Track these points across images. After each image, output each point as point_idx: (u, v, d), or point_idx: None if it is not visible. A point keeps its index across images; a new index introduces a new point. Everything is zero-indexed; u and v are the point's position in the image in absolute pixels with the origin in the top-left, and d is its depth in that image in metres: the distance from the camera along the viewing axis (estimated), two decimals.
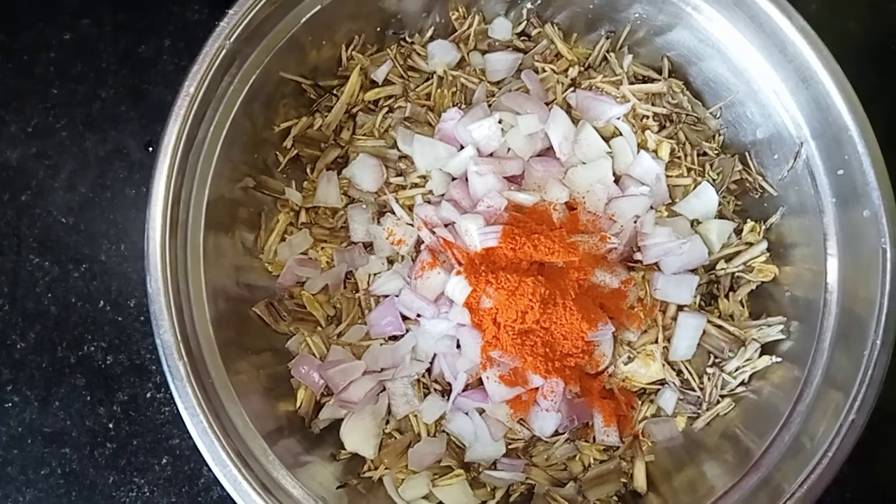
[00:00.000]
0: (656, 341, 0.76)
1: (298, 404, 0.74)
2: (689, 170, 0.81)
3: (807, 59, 0.70)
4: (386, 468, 0.73)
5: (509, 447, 0.75)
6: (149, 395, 0.83)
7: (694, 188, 0.80)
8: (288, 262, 0.77)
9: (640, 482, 0.74)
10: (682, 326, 0.75)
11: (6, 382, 0.82)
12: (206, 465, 0.61)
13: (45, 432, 0.81)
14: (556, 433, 0.74)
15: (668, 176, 0.80)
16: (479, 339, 0.70)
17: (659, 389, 0.77)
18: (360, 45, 0.81)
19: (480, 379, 0.71)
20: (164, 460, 0.81)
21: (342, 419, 0.74)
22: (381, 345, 0.75)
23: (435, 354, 0.74)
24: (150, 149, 0.87)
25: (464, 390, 0.72)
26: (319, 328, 0.77)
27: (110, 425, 0.82)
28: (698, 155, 0.82)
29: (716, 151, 0.82)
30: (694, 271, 0.78)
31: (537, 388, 0.71)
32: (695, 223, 0.80)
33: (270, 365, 0.74)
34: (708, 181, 0.80)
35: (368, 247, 0.78)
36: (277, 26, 0.72)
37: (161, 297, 0.61)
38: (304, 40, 0.75)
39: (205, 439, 0.61)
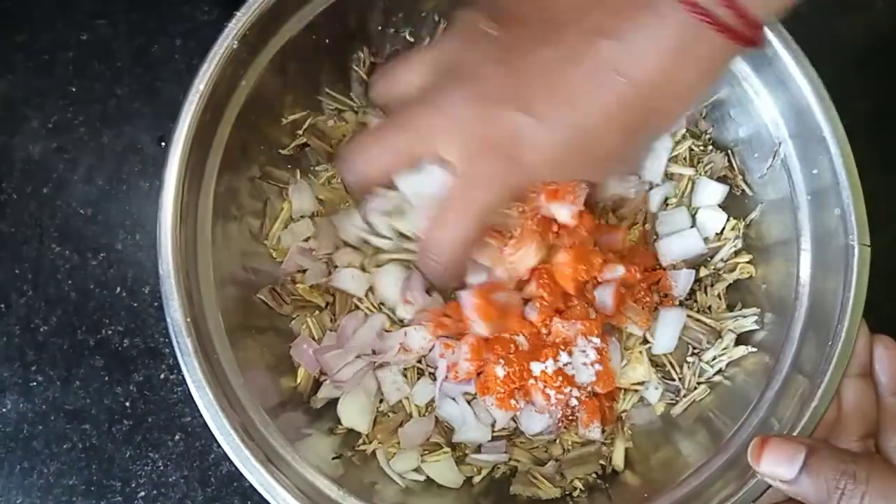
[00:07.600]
0: (644, 341, 0.80)
1: (298, 381, 0.79)
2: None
3: (784, 63, 0.73)
4: (379, 443, 0.78)
5: (494, 435, 0.79)
6: (162, 376, 0.88)
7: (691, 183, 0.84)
8: (291, 249, 0.81)
9: (618, 461, 0.79)
10: (663, 321, 0.79)
11: (31, 363, 0.88)
12: (216, 442, 0.66)
13: (66, 409, 0.87)
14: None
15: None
16: None
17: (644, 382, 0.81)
18: None
19: None
20: (177, 437, 0.87)
21: (339, 397, 0.79)
22: None
23: None
24: (163, 143, 0.93)
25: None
26: (318, 312, 0.82)
27: (127, 404, 0.87)
28: (689, 150, 0.86)
29: (701, 148, 0.86)
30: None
31: None
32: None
33: (274, 344, 0.79)
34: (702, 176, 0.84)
35: None
36: (282, 29, 0.76)
37: (171, 278, 0.66)
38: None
39: (210, 410, 0.66)
